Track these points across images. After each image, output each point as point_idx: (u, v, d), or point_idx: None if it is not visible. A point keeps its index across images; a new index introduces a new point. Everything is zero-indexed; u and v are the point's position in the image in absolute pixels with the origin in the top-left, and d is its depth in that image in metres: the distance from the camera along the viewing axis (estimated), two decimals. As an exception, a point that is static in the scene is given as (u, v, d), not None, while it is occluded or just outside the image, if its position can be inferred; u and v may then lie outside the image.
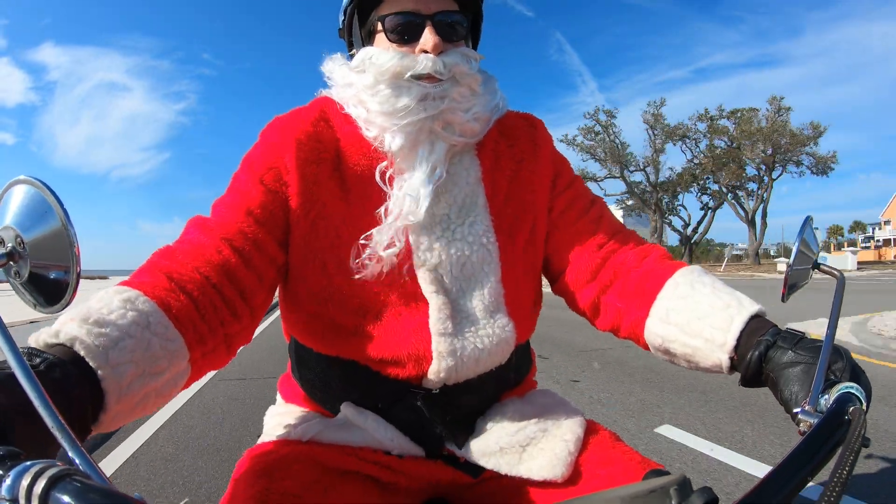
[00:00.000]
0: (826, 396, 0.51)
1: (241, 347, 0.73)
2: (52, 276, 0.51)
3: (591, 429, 0.81)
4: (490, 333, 0.75)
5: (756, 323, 0.65)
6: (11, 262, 0.51)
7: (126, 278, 0.65)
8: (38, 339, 0.51)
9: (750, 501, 0.36)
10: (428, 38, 0.74)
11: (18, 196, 0.50)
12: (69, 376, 0.47)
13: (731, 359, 0.65)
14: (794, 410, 0.52)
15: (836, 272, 0.68)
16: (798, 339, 0.61)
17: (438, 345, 0.73)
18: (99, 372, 0.50)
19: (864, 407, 0.49)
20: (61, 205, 0.48)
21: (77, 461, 0.33)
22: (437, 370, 0.73)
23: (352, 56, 0.83)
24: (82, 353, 0.49)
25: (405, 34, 0.76)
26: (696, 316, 0.69)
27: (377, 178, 0.76)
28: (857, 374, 0.55)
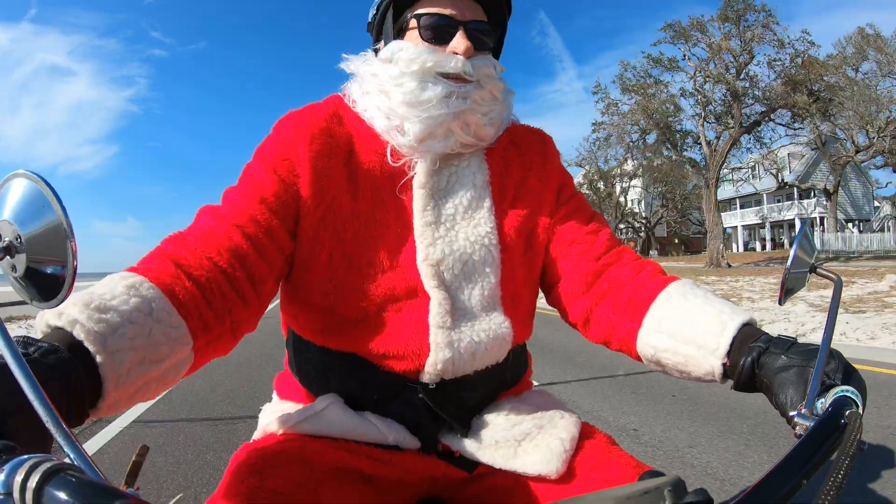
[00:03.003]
0: (822, 400, 0.51)
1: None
2: (49, 270, 0.50)
3: (586, 431, 0.81)
4: (487, 328, 0.77)
5: (748, 330, 0.66)
6: (8, 257, 0.51)
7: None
8: (42, 319, 0.51)
9: (745, 503, 0.36)
10: (460, 41, 0.78)
11: (16, 190, 0.50)
12: (65, 361, 0.47)
13: (724, 365, 0.66)
14: (791, 413, 0.52)
15: (833, 275, 0.67)
16: (790, 345, 0.61)
17: (436, 336, 0.74)
18: (97, 357, 0.50)
19: (861, 410, 0.49)
20: (59, 200, 0.48)
21: (71, 455, 0.33)
22: (434, 362, 0.74)
23: (377, 51, 0.86)
24: (81, 336, 0.50)
25: (439, 35, 0.79)
26: (689, 324, 0.69)
27: (387, 155, 0.79)
28: (849, 373, 0.55)
